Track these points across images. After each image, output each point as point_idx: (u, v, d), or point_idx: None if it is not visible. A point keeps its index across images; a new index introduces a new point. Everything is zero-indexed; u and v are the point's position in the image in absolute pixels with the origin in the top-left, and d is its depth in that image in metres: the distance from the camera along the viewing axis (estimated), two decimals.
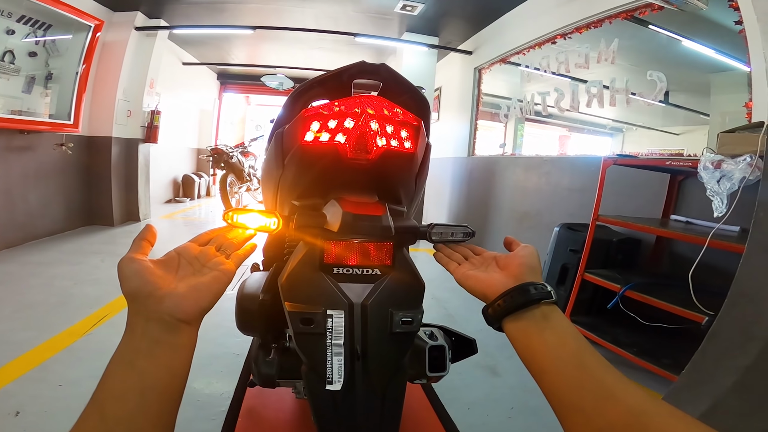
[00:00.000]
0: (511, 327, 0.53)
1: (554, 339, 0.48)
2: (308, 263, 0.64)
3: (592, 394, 0.42)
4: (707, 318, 1.34)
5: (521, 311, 0.52)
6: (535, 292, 0.52)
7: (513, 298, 0.53)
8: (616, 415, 0.40)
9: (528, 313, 0.51)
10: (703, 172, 1.39)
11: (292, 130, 0.74)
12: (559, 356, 0.47)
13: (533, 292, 0.52)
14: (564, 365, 0.46)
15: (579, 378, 0.44)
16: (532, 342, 0.50)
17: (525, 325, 0.51)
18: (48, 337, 1.84)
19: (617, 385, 0.42)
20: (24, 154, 3.41)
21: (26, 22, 3.14)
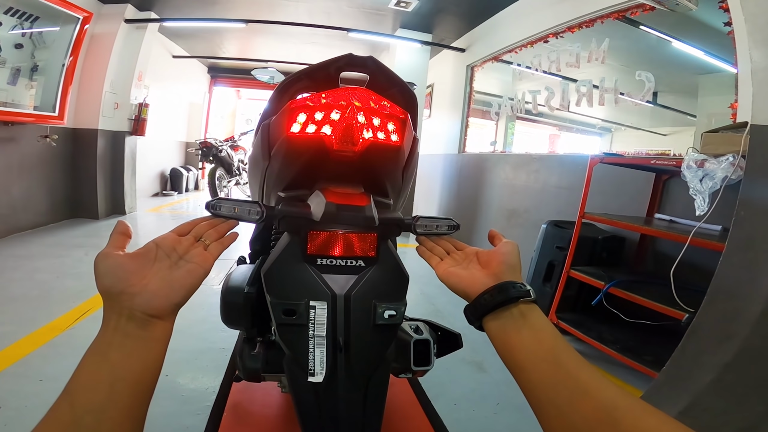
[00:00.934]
0: (491, 325, 0.54)
1: (531, 336, 0.49)
2: (291, 254, 0.63)
3: (567, 391, 0.43)
4: (687, 315, 1.37)
5: (500, 310, 0.53)
6: (514, 291, 0.53)
7: (492, 296, 0.54)
8: (589, 411, 0.40)
9: (506, 312, 0.52)
10: (686, 171, 1.41)
11: (278, 122, 0.73)
12: (536, 353, 0.48)
13: (512, 290, 0.53)
14: (540, 362, 0.47)
15: (554, 374, 0.45)
16: (510, 339, 0.50)
17: (503, 323, 0.52)
18: (29, 332, 1.81)
19: (591, 382, 0.43)
20: (7, 145, 3.34)
21: (13, 14, 3.07)
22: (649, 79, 2.41)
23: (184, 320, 2.02)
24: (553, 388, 0.44)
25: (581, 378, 0.44)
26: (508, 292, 0.52)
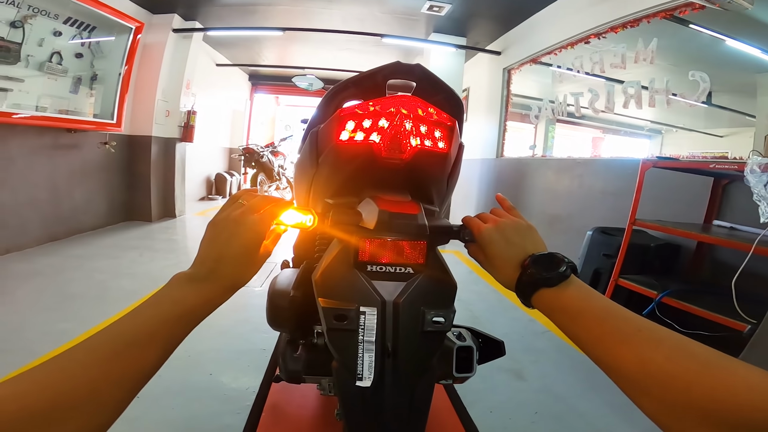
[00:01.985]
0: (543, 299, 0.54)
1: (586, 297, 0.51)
2: (342, 260, 0.65)
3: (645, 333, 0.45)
4: (750, 326, 1.29)
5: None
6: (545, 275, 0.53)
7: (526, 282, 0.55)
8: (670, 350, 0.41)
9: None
10: (749, 176, 1.33)
11: (327, 130, 0.75)
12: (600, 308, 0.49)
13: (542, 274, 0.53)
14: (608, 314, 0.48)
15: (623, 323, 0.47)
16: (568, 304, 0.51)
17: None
18: (86, 329, 1.91)
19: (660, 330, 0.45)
20: (70, 152, 3.60)
21: (72, 24, 3.30)
22: (704, 79, 2.29)
23: (228, 320, 2.11)
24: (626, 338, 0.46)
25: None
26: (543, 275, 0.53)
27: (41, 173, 3.31)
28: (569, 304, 0.49)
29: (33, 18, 2.97)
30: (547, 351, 2.08)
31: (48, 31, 3.12)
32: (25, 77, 3.00)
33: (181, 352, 1.61)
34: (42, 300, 2.21)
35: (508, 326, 2.34)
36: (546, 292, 0.51)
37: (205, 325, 1.76)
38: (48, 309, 2.11)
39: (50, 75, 3.22)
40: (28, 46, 2.98)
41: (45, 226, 3.33)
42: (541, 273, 0.52)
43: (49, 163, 3.39)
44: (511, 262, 0.57)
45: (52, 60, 3.19)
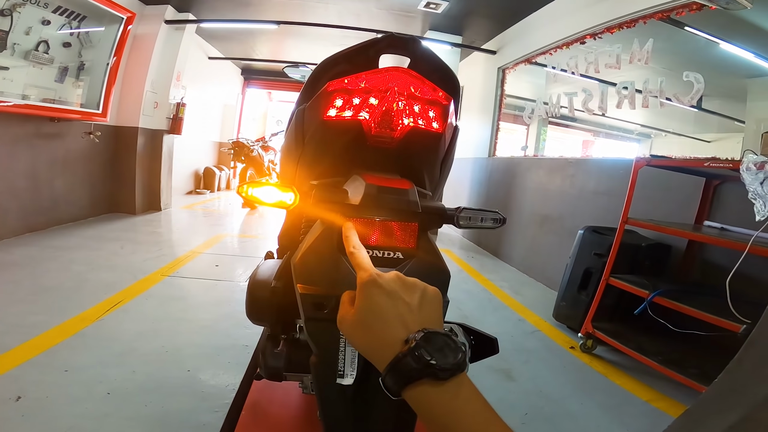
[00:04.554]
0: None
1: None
2: (325, 242, 0.60)
3: None
4: (745, 326, 1.27)
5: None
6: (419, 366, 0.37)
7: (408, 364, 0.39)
8: None
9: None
10: (745, 174, 1.31)
11: (314, 106, 0.71)
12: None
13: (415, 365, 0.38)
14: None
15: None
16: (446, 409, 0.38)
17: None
18: (59, 322, 1.83)
19: None
20: (53, 141, 3.50)
21: (62, 13, 3.22)
22: (698, 80, 2.28)
23: (210, 315, 2.06)
24: None
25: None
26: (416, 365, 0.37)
27: (22, 162, 3.21)
28: (461, 416, 0.35)
29: (22, 6, 2.89)
30: (537, 351, 2.05)
31: (36, 19, 3.03)
32: (10, 65, 2.91)
33: (158, 346, 1.55)
34: (16, 291, 2.12)
35: (498, 326, 2.31)
36: (429, 387, 0.36)
37: (185, 319, 1.71)
38: (21, 301, 2.02)
39: (36, 64, 3.13)
40: (15, 35, 2.90)
41: (23, 216, 3.23)
42: (432, 358, 0.36)
43: (30, 152, 3.28)
44: (393, 329, 0.40)
45: (38, 49, 3.10)
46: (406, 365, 0.37)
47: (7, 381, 1.39)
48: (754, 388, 0.76)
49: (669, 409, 1.60)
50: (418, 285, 0.44)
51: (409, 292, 0.42)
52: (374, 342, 0.40)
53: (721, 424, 0.60)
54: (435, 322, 0.42)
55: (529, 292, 3.03)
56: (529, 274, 3.46)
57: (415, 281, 0.44)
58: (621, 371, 1.88)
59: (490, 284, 3.11)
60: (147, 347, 1.69)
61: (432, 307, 0.43)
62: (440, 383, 0.36)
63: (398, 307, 0.41)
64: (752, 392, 0.76)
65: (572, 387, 1.73)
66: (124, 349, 1.65)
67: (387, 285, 0.42)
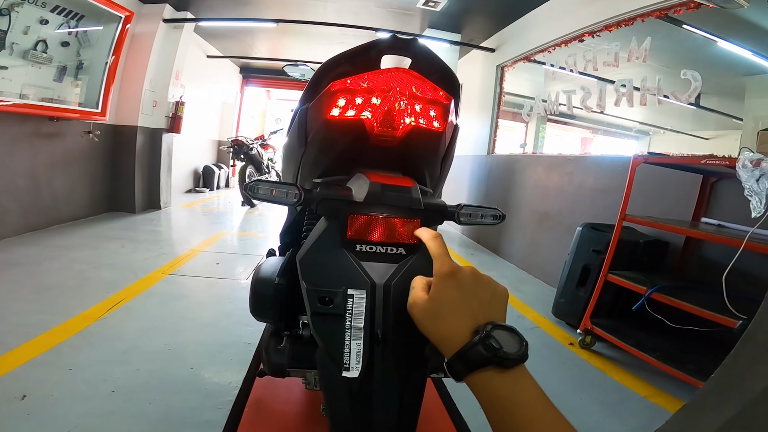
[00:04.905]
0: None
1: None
2: (329, 239, 0.61)
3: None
4: (741, 321, 1.28)
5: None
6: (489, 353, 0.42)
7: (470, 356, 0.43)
8: None
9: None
10: (741, 171, 1.33)
11: (317, 106, 0.72)
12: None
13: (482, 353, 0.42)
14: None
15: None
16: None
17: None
18: (62, 321, 1.84)
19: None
20: (52, 140, 3.50)
21: (60, 12, 3.21)
22: (696, 78, 2.30)
23: (211, 313, 2.07)
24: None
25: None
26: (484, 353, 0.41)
27: (21, 162, 3.21)
28: (521, 403, 0.39)
29: (20, 6, 2.88)
30: (536, 347, 2.07)
31: (34, 19, 3.03)
32: (8, 65, 2.91)
33: (161, 344, 1.56)
34: (17, 291, 2.13)
35: None
36: (494, 374, 0.40)
37: (187, 317, 1.72)
38: (23, 300, 2.03)
39: (34, 63, 3.13)
40: (13, 34, 2.89)
41: (23, 216, 3.23)
42: (500, 348, 0.40)
43: (29, 151, 3.28)
44: (464, 320, 0.43)
45: (37, 48, 3.10)
46: (476, 353, 0.40)
47: (12, 380, 1.39)
48: (751, 383, 0.78)
49: (667, 405, 1.62)
50: (491, 282, 0.48)
51: (482, 287, 0.47)
52: (445, 330, 0.44)
53: (718, 419, 0.62)
54: (501, 317, 0.46)
55: (528, 288, 3.05)
56: (528, 271, 3.48)
57: (488, 279, 0.48)
58: (619, 367, 1.90)
59: None
60: (150, 345, 1.70)
61: (500, 303, 0.47)
62: (504, 371, 0.40)
63: (470, 301, 0.45)
64: (748, 387, 0.78)
65: (571, 383, 1.75)
66: (127, 347, 1.66)
67: (464, 279, 0.46)
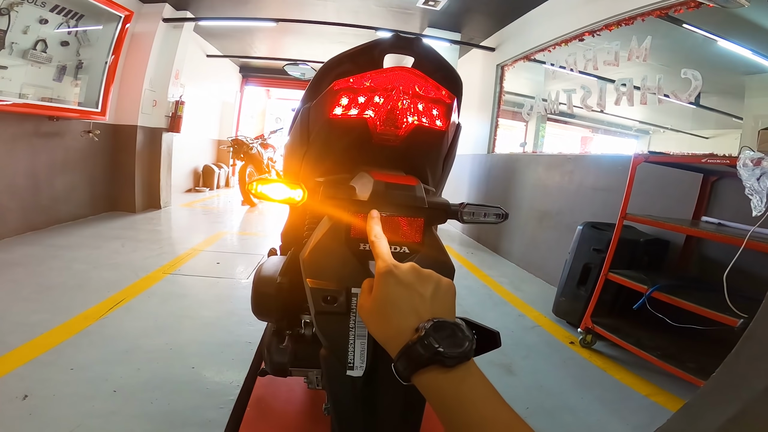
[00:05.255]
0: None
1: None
2: (333, 238, 0.61)
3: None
4: (742, 320, 1.29)
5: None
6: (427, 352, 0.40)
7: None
8: None
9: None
10: (742, 170, 1.33)
11: (319, 105, 0.72)
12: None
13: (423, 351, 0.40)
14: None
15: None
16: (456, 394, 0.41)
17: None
18: (63, 320, 1.84)
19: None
20: (52, 140, 3.50)
21: (59, 12, 3.20)
22: (696, 77, 2.30)
23: (213, 312, 2.07)
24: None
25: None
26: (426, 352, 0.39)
27: (21, 161, 3.21)
28: (469, 402, 0.37)
29: (19, 5, 2.88)
30: (537, 346, 2.07)
31: (34, 18, 3.02)
32: (8, 65, 2.90)
33: (162, 344, 1.57)
34: (18, 290, 2.13)
35: (498, 321, 2.33)
36: (438, 374, 0.38)
37: (188, 317, 1.72)
38: (24, 300, 2.03)
39: (34, 63, 3.12)
40: (13, 34, 2.89)
41: (24, 216, 3.23)
42: (439, 345, 0.38)
43: (29, 151, 3.28)
44: (405, 318, 0.42)
45: (36, 48, 3.09)
46: (416, 352, 0.39)
47: (14, 379, 1.39)
48: (752, 381, 0.78)
49: (668, 403, 1.62)
50: (433, 276, 0.46)
51: (423, 283, 0.44)
52: (388, 329, 0.43)
53: (719, 417, 0.62)
54: (447, 313, 0.44)
55: (528, 287, 3.05)
56: (529, 270, 3.48)
57: (430, 273, 0.46)
58: (620, 366, 1.91)
59: (490, 280, 3.13)
60: (151, 345, 1.70)
61: (445, 298, 0.45)
62: (448, 370, 0.38)
63: (412, 297, 0.43)
64: (750, 385, 0.78)
65: (572, 381, 1.75)
66: (128, 347, 1.66)
67: (403, 276, 0.44)
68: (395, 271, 0.44)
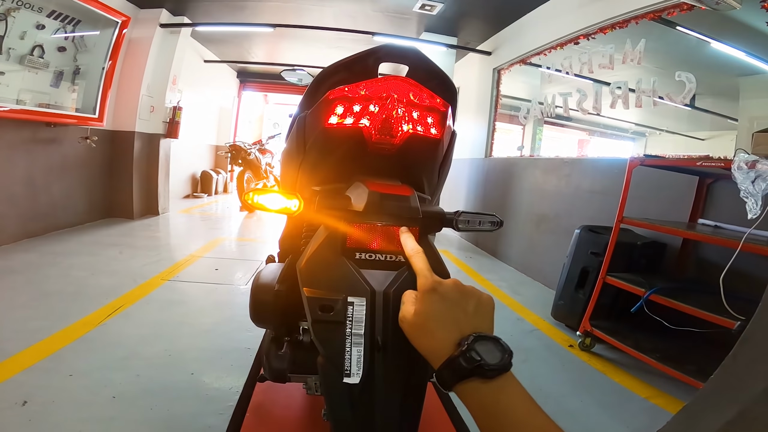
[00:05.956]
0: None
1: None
2: (329, 247, 0.61)
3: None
4: (740, 322, 1.29)
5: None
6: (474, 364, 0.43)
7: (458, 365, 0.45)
8: None
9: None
10: (737, 173, 1.34)
11: (315, 114, 0.73)
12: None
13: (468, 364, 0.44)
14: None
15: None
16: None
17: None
18: (62, 327, 1.84)
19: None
20: (49, 146, 3.49)
21: (56, 18, 3.21)
22: (690, 79, 2.32)
23: (211, 318, 2.07)
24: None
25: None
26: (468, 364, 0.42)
27: (18, 168, 3.20)
28: (507, 409, 0.40)
29: (16, 11, 2.88)
30: (536, 350, 2.07)
31: (31, 24, 3.03)
32: (5, 70, 2.90)
33: (161, 350, 1.57)
34: (16, 298, 2.12)
35: (497, 325, 2.30)
36: (479, 384, 0.41)
37: (187, 323, 1.72)
38: (22, 307, 2.02)
39: (31, 68, 3.12)
40: (10, 39, 2.89)
41: (21, 223, 3.22)
42: (481, 359, 0.41)
43: (26, 157, 3.27)
44: (449, 332, 0.45)
45: (33, 53, 3.09)
46: (459, 364, 0.42)
47: (13, 386, 1.39)
48: (750, 383, 0.78)
49: (667, 406, 1.62)
50: (474, 293, 0.49)
51: (465, 299, 0.48)
52: (432, 342, 0.46)
53: (718, 419, 0.62)
54: (487, 327, 0.48)
55: (527, 291, 3.06)
56: (527, 274, 3.48)
57: (472, 289, 0.50)
58: (619, 369, 1.91)
59: (488, 284, 3.13)
60: (150, 351, 1.70)
61: (485, 312, 0.49)
62: (488, 380, 0.41)
63: (455, 313, 0.47)
64: (748, 387, 0.78)
65: (571, 385, 1.76)
66: (127, 353, 1.66)
67: (446, 293, 0.48)
68: (439, 288, 0.48)
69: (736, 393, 0.93)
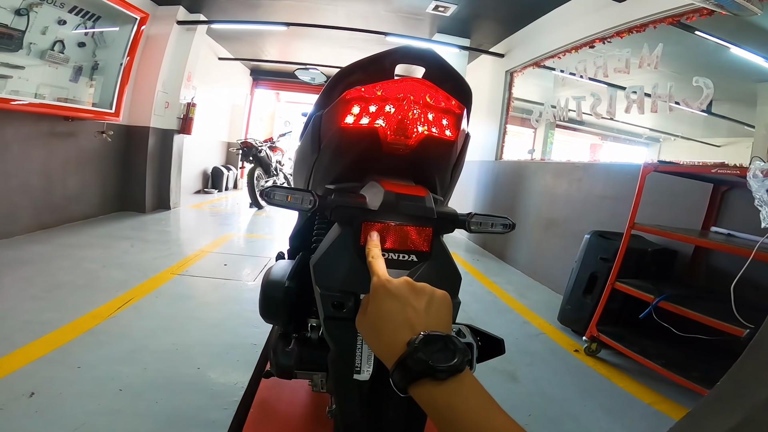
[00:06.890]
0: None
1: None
2: (343, 245, 0.62)
3: None
4: (748, 330, 1.27)
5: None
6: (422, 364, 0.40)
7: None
8: None
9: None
10: (751, 181, 1.31)
11: (331, 113, 0.73)
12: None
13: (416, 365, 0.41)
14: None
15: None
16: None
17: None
18: (72, 319, 1.86)
19: None
20: (66, 140, 3.56)
21: (77, 13, 3.27)
22: (708, 85, 2.28)
23: (219, 313, 2.09)
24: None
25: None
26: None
27: (36, 160, 3.27)
28: (462, 412, 0.38)
29: (39, 6, 2.93)
30: (541, 353, 2.06)
31: (52, 19, 3.08)
32: (25, 65, 2.96)
33: (168, 344, 1.59)
34: (28, 288, 2.16)
35: (502, 328, 2.32)
36: (431, 386, 0.39)
37: (195, 318, 1.74)
38: (34, 298, 2.06)
39: (51, 63, 3.18)
40: (31, 34, 2.95)
41: (36, 214, 3.29)
42: (430, 359, 0.39)
43: (44, 150, 3.34)
44: (399, 332, 0.42)
45: (54, 48, 3.15)
46: (408, 366, 0.39)
47: (21, 377, 1.41)
48: (756, 390, 0.77)
49: (671, 412, 1.60)
50: (426, 290, 0.46)
51: (416, 296, 0.45)
52: (384, 343, 0.43)
53: (722, 426, 0.61)
54: (441, 325, 0.44)
55: (534, 295, 3.03)
56: (535, 278, 3.46)
57: (423, 286, 0.46)
58: (624, 374, 1.89)
59: (495, 287, 3.12)
60: (158, 345, 1.72)
61: (439, 310, 0.45)
62: (440, 382, 0.38)
63: (406, 311, 0.43)
64: (754, 394, 0.77)
65: (576, 389, 1.74)
66: (135, 347, 1.68)
67: (395, 290, 0.45)
68: (388, 285, 0.45)
69: (742, 400, 0.92)
